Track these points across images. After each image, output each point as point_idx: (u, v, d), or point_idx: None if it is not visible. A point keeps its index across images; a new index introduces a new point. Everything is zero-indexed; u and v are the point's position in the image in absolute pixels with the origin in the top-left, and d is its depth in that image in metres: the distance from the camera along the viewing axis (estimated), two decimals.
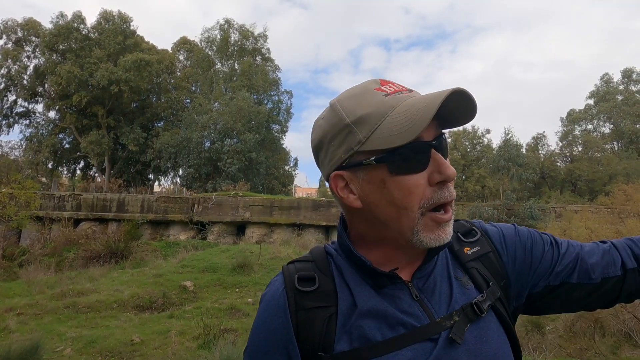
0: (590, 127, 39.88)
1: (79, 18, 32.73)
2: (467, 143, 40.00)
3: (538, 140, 38.58)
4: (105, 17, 33.57)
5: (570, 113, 40.22)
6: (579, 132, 39.37)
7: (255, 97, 34.59)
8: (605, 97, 38.64)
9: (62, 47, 32.47)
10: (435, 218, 0.77)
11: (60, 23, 32.20)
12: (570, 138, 38.75)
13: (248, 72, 35.14)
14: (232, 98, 31.81)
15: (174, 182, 36.99)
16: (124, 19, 33.82)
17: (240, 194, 21.24)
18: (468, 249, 0.89)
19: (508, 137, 30.27)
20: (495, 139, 55.83)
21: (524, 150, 34.15)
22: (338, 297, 0.80)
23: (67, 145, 35.99)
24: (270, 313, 0.81)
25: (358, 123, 0.75)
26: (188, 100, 35.79)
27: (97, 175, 36.16)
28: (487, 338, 0.79)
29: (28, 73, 34.30)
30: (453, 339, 0.76)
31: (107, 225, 20.94)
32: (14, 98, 34.92)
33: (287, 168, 37.82)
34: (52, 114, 35.85)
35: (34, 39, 34.09)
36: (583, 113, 39.77)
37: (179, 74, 37.74)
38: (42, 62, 33.52)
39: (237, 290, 10.81)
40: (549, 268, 0.90)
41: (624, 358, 7.00)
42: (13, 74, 33.47)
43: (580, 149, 37.71)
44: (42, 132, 35.12)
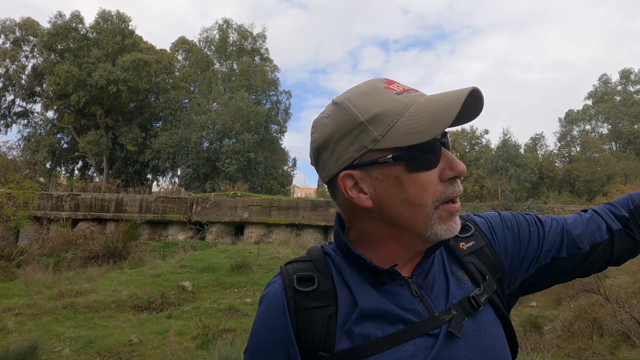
0: (589, 127, 39.99)
1: (77, 18, 32.70)
2: (465, 143, 40.06)
3: (536, 141, 38.66)
4: (104, 16, 33.54)
5: (569, 113, 40.30)
6: (577, 132, 39.47)
7: (254, 97, 34.59)
8: (604, 97, 38.73)
9: (60, 46, 32.43)
10: (448, 208, 0.78)
11: (59, 23, 32.18)
12: (569, 138, 38.84)
13: (247, 72, 35.13)
14: (230, 98, 31.80)
15: (173, 182, 36.98)
16: (123, 19, 33.79)
17: (239, 194, 21.23)
18: (463, 244, 0.90)
19: (506, 137, 30.33)
20: (494, 140, 55.97)
21: (523, 151, 34.21)
22: (337, 296, 0.80)
23: (65, 145, 35.94)
24: (270, 314, 0.81)
25: (373, 121, 0.75)
26: (186, 101, 35.75)
27: (95, 175, 36.09)
28: (485, 331, 0.80)
29: (26, 73, 34.26)
30: (452, 333, 0.77)
31: (105, 226, 20.91)
32: (12, 98, 34.91)
33: (285, 168, 37.84)
34: (50, 114, 35.87)
35: (32, 39, 34.03)
36: (581, 113, 39.86)
37: (178, 74, 37.72)
38: (40, 61, 33.48)
39: (235, 291, 10.81)
40: (538, 247, 0.92)
41: (622, 358, 7.02)
42: (11, 74, 33.40)
43: (579, 150, 37.79)
44: (40, 132, 35.06)
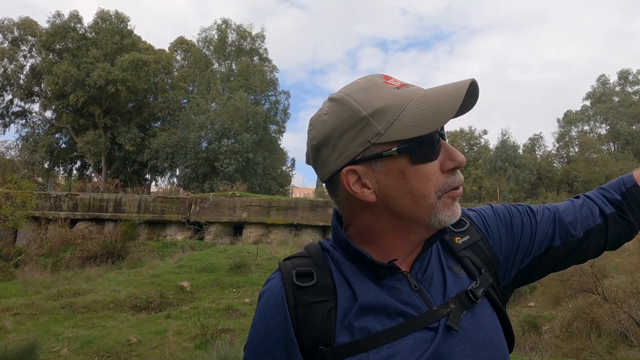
0: (587, 128, 40.09)
1: (76, 17, 32.66)
2: (464, 144, 40.09)
3: (535, 141, 38.75)
4: (102, 16, 33.50)
5: (567, 114, 40.38)
6: (576, 133, 39.56)
7: (253, 97, 34.59)
8: (602, 98, 38.82)
9: (58, 46, 32.38)
10: (451, 194, 0.80)
11: (57, 22, 32.13)
12: (567, 139, 38.93)
13: (245, 72, 35.12)
14: (229, 98, 31.79)
15: (171, 182, 36.98)
16: (121, 19, 33.76)
17: (238, 194, 21.21)
18: (459, 239, 0.91)
19: (505, 138, 30.41)
20: (493, 140, 56.00)
21: (521, 151, 34.31)
22: (337, 291, 0.80)
23: (63, 145, 35.89)
24: (269, 310, 0.81)
25: (375, 115, 0.76)
26: (185, 101, 35.73)
27: (93, 175, 36.03)
28: (482, 324, 0.81)
29: (24, 72, 34.19)
30: (450, 326, 0.77)
31: (103, 226, 20.87)
32: (10, 97, 34.83)
33: (284, 168, 37.84)
34: (48, 114, 35.81)
35: (31, 39, 33.98)
36: (580, 114, 39.94)
37: (176, 74, 37.69)
38: (38, 61, 33.43)
39: (234, 291, 10.80)
40: (531, 237, 0.93)
41: (620, 358, 7.04)
42: (9, 74, 33.33)
43: (577, 150, 37.87)
44: (38, 131, 35.01)
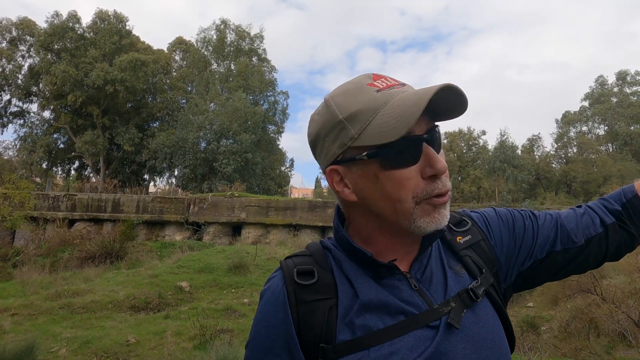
0: (585, 128, 40.20)
1: (74, 17, 32.59)
2: (462, 144, 40.14)
3: (533, 142, 38.78)
4: (101, 16, 33.45)
5: (565, 115, 40.47)
6: (574, 133, 39.64)
7: (252, 97, 34.58)
8: (600, 99, 38.93)
9: (57, 46, 32.32)
10: (431, 201, 0.78)
11: (56, 22, 32.07)
12: (565, 140, 39.00)
13: (244, 72, 35.11)
14: (228, 98, 31.78)
15: (170, 182, 36.96)
16: (120, 19, 33.71)
17: (236, 195, 21.20)
18: (460, 238, 0.91)
19: (503, 138, 30.45)
20: (491, 141, 56.17)
21: (520, 152, 34.32)
22: (338, 289, 0.81)
23: (61, 145, 35.80)
24: (271, 308, 0.82)
25: (350, 119, 0.77)
26: (184, 101, 35.71)
27: (92, 176, 35.97)
28: (483, 323, 0.82)
29: (22, 72, 34.16)
30: (451, 324, 0.77)
31: (102, 226, 20.83)
32: (8, 97, 34.80)
33: (283, 169, 37.85)
34: (46, 114, 35.74)
35: (29, 39, 33.94)
36: (578, 115, 40.03)
37: (175, 74, 37.66)
38: (36, 61, 33.34)
39: (233, 291, 10.79)
40: (533, 240, 0.93)
41: (618, 358, 7.05)
42: (7, 74, 33.28)
43: (575, 151, 37.95)
44: (36, 132, 34.93)
